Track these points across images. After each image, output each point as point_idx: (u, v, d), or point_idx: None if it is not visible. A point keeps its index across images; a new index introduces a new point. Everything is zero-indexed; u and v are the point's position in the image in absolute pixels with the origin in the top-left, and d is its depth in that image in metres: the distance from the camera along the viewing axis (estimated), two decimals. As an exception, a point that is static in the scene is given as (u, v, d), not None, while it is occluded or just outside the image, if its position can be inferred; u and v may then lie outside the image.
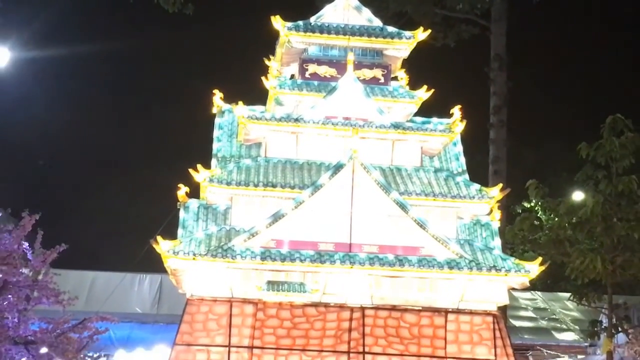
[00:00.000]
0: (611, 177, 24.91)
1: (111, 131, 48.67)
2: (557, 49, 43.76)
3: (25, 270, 12.02)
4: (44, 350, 11.81)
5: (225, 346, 17.62)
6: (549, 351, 35.08)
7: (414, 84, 21.03)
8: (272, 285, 18.00)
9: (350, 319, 17.96)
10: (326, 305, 18.09)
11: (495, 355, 17.97)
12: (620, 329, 25.25)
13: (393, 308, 18.20)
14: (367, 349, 17.76)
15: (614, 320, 25.27)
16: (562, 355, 35.00)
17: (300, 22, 20.65)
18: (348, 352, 17.71)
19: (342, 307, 18.07)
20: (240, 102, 19.70)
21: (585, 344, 32.31)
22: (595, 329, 27.05)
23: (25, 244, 12.32)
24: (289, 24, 20.47)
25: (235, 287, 18.03)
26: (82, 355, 13.49)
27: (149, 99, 50.77)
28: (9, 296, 11.53)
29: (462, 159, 20.67)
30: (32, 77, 36.85)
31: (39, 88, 42.48)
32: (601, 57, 45.09)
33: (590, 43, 43.78)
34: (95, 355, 14.93)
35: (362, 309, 18.08)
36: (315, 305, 18.04)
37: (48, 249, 12.94)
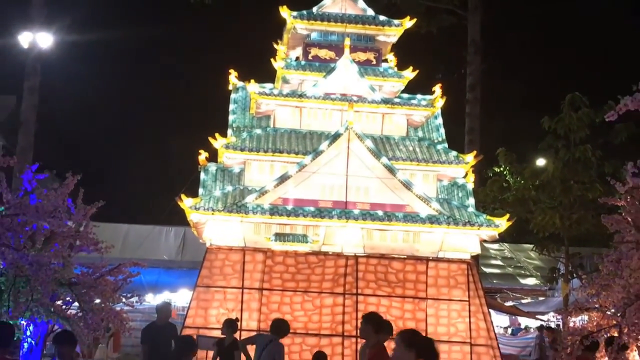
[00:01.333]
0: (569, 146, 25.01)
1: (142, 105, 48.76)
2: (527, 33, 43.57)
3: (69, 223, 12.03)
4: (85, 291, 11.85)
5: (239, 288, 17.74)
6: (514, 294, 35.35)
7: (401, 65, 20.95)
8: (279, 236, 18.09)
9: (346, 266, 18.05)
10: (325, 253, 18.17)
11: (469, 297, 18.09)
12: (575, 275, 25.44)
13: (382, 256, 18.28)
14: (359, 291, 17.87)
15: (570, 267, 25.44)
16: (525, 297, 35.24)
17: (304, 12, 20.55)
18: (344, 294, 17.82)
19: (338, 255, 18.15)
20: (252, 80, 19.66)
21: (545, 287, 32.54)
22: (554, 275, 27.27)
23: (69, 200, 12.34)
24: (294, 13, 20.37)
25: (247, 237, 18.10)
26: (117, 295, 13.55)
27: (174, 77, 50.73)
28: (56, 245, 11.55)
29: (442, 130, 20.64)
30: (73, 57, 36.70)
31: (79, 66, 42.33)
32: (565, 40, 44.91)
33: (556, 28, 43.65)
34: (128, 296, 15.00)
35: (356, 257, 18.16)
36: (315, 253, 18.13)
37: (88, 205, 12.97)
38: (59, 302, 11.84)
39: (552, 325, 31.29)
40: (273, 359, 11.95)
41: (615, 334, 9.91)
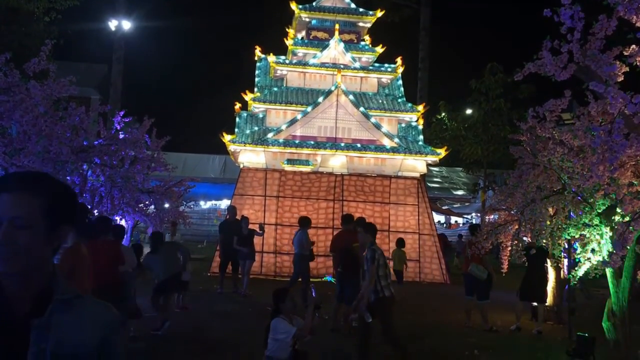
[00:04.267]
0: (488, 100, 24.84)
1: (198, 70, 48.34)
2: (463, 21, 42.76)
3: (146, 151, 12.02)
4: (158, 197, 11.93)
5: (262, 196, 17.83)
6: (448, 200, 35.66)
7: (374, 43, 20.61)
8: (290, 161, 18.09)
9: (335, 181, 18.12)
10: (321, 173, 18.20)
11: (418, 202, 18.22)
12: (490, 188, 25.58)
13: (360, 175, 18.34)
14: (344, 198, 17.99)
15: (487, 183, 25.58)
16: (456, 203, 35.58)
17: (307, 5, 20.15)
18: (333, 200, 17.94)
19: (330, 174, 18.20)
20: (272, 54, 19.37)
21: (470, 196, 32.76)
22: (476, 188, 27.42)
23: (146, 136, 12.29)
24: (300, 6, 19.96)
25: (268, 162, 18.10)
26: (180, 200, 13.65)
27: (219, 52, 50.00)
28: (138, 166, 11.56)
29: (402, 88, 20.39)
30: (147, 36, 36.08)
31: (152, 42, 41.75)
32: (489, 23, 44.04)
33: (483, 15, 42.82)
34: (188, 202, 15.14)
35: (342, 175, 18.21)
36: (314, 173, 18.16)
37: (159, 139, 12.93)
38: (141, 205, 11.93)
39: (474, 221, 31.71)
40: (299, 240, 12.10)
41: (516, 227, 10.02)
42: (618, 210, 7.07)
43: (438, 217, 32.45)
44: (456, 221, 34.64)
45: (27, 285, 1.72)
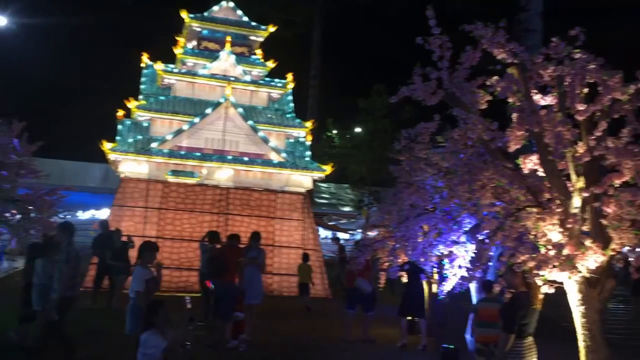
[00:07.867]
0: (374, 120, 25.80)
1: (81, 74, 45.88)
2: (353, 41, 44.01)
3: (14, 156, 11.32)
4: (26, 206, 11.25)
5: (144, 207, 17.29)
6: (335, 216, 36.47)
7: (266, 58, 20.78)
8: (175, 172, 17.72)
9: (221, 194, 17.96)
10: (206, 185, 17.99)
11: (303, 218, 18.46)
12: (373, 205, 26.47)
13: (246, 189, 18.30)
14: (230, 212, 17.87)
15: (371, 200, 26.45)
16: (342, 219, 36.44)
17: (199, 14, 20.02)
18: (218, 214, 17.77)
19: (216, 187, 18.02)
20: (159, 62, 18.92)
21: (356, 212, 33.68)
22: (361, 204, 28.25)
23: (15, 140, 11.59)
24: (191, 15, 19.79)
25: (151, 172, 17.61)
26: (52, 210, 12.93)
27: (103, 56, 47.93)
28: (4, 172, 10.86)
29: (292, 104, 20.64)
30: (24, 34, 33.92)
31: (29, 41, 39.28)
32: (377, 45, 45.45)
33: (372, 35, 44.22)
34: (61, 211, 14.34)
35: (228, 189, 18.09)
36: (200, 185, 17.92)
37: (32, 144, 12.24)
38: (7, 214, 11.21)
39: (358, 237, 32.63)
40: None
41: (393, 243, 10.46)
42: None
43: (325, 233, 33.05)
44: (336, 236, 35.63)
45: None
